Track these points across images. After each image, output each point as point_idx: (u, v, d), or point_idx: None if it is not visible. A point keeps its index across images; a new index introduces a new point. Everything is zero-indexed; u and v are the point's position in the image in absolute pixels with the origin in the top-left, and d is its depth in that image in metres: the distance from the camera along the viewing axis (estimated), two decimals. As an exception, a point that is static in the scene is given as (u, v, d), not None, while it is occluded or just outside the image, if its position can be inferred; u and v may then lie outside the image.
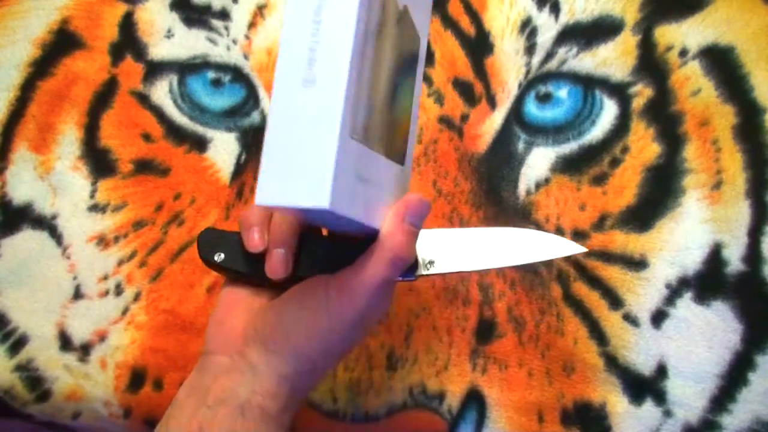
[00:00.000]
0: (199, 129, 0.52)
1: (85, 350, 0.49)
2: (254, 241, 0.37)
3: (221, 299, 0.40)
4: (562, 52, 0.52)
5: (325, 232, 0.40)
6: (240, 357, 0.36)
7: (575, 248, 0.40)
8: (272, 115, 0.33)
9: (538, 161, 0.50)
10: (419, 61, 0.36)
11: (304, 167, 0.31)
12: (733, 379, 0.46)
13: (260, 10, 0.54)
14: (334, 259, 0.36)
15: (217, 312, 0.39)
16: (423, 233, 0.39)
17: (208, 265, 0.40)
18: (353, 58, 0.31)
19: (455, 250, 0.39)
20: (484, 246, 0.39)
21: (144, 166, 0.52)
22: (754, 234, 0.48)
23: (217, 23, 0.54)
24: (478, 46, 0.52)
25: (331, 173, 0.30)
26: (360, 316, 0.34)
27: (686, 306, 0.47)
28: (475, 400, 0.47)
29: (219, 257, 0.39)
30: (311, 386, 0.39)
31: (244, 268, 0.39)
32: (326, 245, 0.38)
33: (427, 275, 0.38)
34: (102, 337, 0.49)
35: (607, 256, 0.48)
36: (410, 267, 0.37)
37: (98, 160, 0.52)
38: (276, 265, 0.37)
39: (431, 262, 0.38)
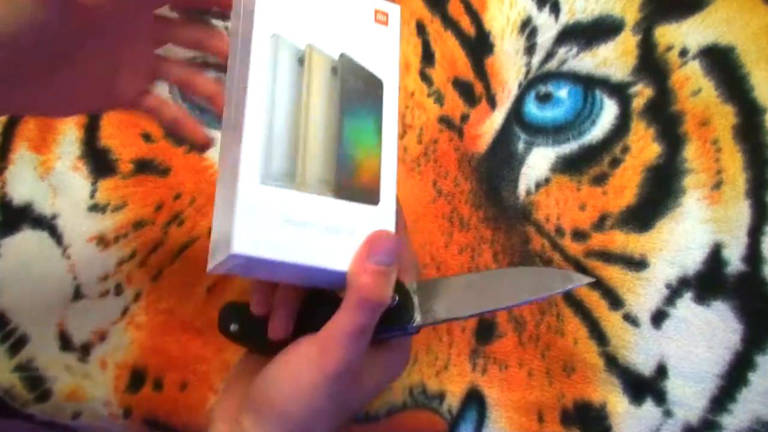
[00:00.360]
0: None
1: (85, 350, 0.49)
2: (255, 305, 0.37)
3: (233, 369, 0.40)
4: (562, 52, 0.52)
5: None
6: (237, 425, 0.35)
7: (581, 279, 0.38)
8: (219, 166, 0.37)
9: (538, 161, 0.50)
10: (386, 99, 0.37)
11: (226, 223, 0.33)
12: (733, 379, 0.46)
13: (260, 10, 0.54)
14: None
15: (227, 381, 0.39)
16: (421, 283, 0.38)
17: (229, 338, 0.39)
18: (252, 110, 0.33)
19: (455, 295, 0.37)
20: (485, 288, 0.37)
21: (144, 166, 0.52)
22: (754, 234, 0.48)
23: (217, 23, 0.54)
24: (478, 46, 0.52)
25: (233, 220, 0.32)
26: (342, 369, 0.33)
27: (686, 306, 0.47)
28: (475, 400, 0.47)
29: (234, 327, 0.39)
30: None
31: (255, 336, 0.38)
32: (333, 305, 0.37)
33: (428, 325, 0.36)
34: (102, 337, 0.49)
35: (607, 256, 0.48)
36: (407, 318, 0.36)
37: (98, 160, 0.52)
38: (274, 327, 0.37)
39: (430, 311, 0.36)
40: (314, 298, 0.38)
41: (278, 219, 0.33)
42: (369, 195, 0.35)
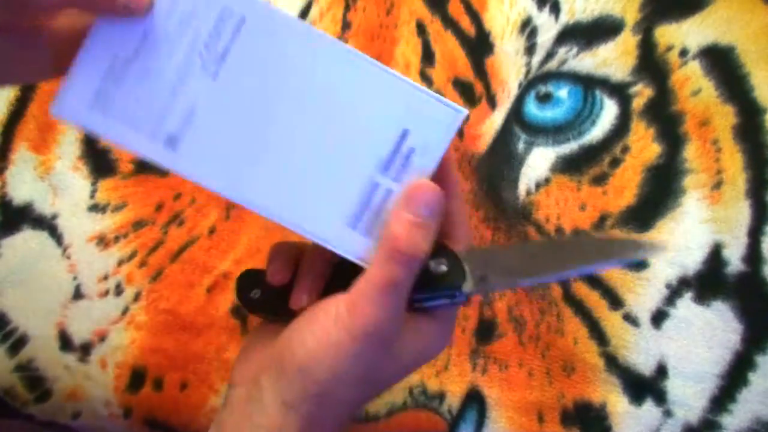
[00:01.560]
0: (199, 129, 0.52)
1: (85, 350, 0.49)
2: (273, 273, 0.35)
3: (251, 332, 0.37)
4: (562, 52, 0.52)
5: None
6: (254, 385, 0.33)
7: (653, 246, 0.34)
8: None
9: (538, 161, 0.50)
10: None
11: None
12: (733, 379, 0.46)
13: (260, 10, 0.54)
14: None
15: (245, 344, 0.37)
16: (473, 250, 0.34)
17: (247, 306, 0.37)
18: None
19: (511, 263, 0.33)
20: (544, 256, 0.34)
21: (144, 166, 0.52)
22: (754, 234, 0.48)
23: (217, 23, 0.54)
24: (479, 46, 0.52)
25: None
26: (371, 328, 0.30)
27: (686, 306, 0.47)
28: (475, 400, 0.47)
29: (255, 294, 0.36)
30: (326, 423, 0.32)
31: (278, 304, 0.36)
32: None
33: (480, 293, 0.34)
34: (102, 337, 0.49)
35: (607, 256, 0.48)
36: (456, 285, 0.32)
37: (98, 160, 0.52)
38: (298, 296, 0.34)
39: (484, 279, 0.32)
40: (343, 267, 0.34)
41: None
42: None
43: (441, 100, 0.31)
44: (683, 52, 0.51)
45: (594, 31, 0.52)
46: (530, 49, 0.52)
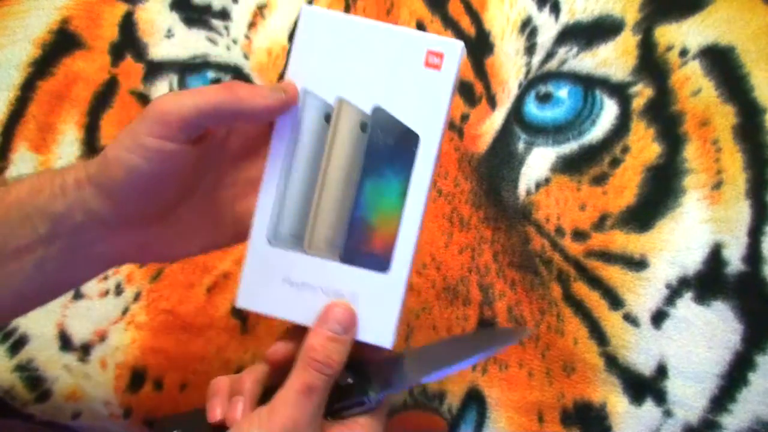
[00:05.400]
0: (199, 129, 0.52)
1: (85, 350, 0.49)
2: (214, 412, 0.36)
3: None
4: (562, 52, 0.52)
5: None
6: None
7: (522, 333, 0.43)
8: None
9: (538, 161, 0.50)
10: (420, 157, 0.35)
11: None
12: (733, 379, 0.46)
13: (260, 9, 0.54)
14: None
15: None
16: (387, 359, 0.38)
17: None
18: (269, 169, 0.36)
19: (411, 366, 0.38)
20: (441, 354, 0.39)
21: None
22: (754, 234, 0.48)
23: (217, 23, 0.54)
24: (479, 46, 0.52)
25: (241, 276, 0.36)
26: (289, 426, 0.33)
27: (686, 306, 0.47)
28: (475, 400, 0.47)
29: None
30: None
31: None
32: None
33: (387, 394, 0.37)
34: (102, 337, 0.49)
35: (607, 256, 0.48)
36: (364, 393, 0.36)
37: (98, 160, 0.52)
38: (233, 414, 0.36)
39: (387, 383, 0.36)
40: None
41: (279, 279, 0.36)
42: (379, 262, 0.36)
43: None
44: (683, 52, 0.51)
45: (594, 31, 0.52)
46: (530, 49, 0.52)
